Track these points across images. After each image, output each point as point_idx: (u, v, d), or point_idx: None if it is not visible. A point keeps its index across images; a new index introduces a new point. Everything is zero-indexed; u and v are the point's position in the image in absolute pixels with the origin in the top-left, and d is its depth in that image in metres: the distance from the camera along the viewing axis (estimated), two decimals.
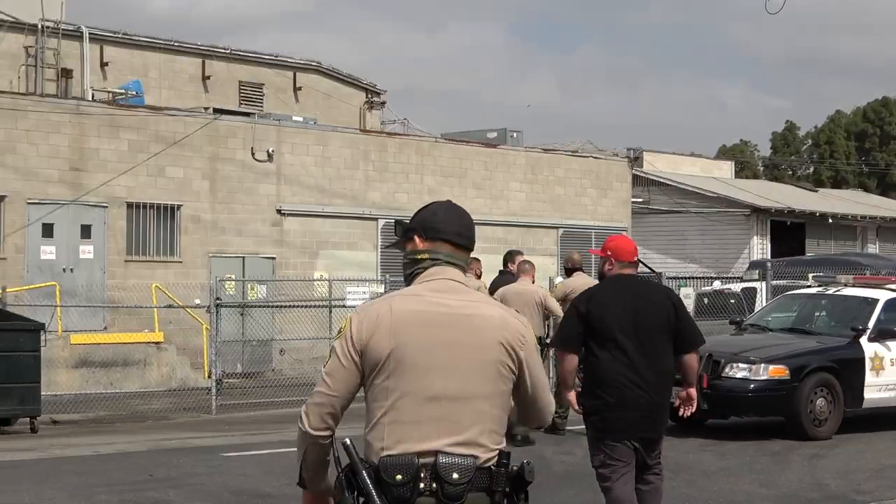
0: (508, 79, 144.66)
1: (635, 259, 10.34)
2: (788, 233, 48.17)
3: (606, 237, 33.09)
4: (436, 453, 4.58)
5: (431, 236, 4.94)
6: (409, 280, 5.01)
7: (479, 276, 18.42)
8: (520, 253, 19.23)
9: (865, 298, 18.09)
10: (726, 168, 59.63)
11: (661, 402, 9.65)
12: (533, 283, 17.58)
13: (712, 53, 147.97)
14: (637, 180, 41.39)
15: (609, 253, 10.15)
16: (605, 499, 9.69)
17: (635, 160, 39.77)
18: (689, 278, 35.55)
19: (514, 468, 4.66)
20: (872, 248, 49.73)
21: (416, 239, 4.96)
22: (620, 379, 9.52)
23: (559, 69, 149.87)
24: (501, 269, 18.74)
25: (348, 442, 4.50)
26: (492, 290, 17.28)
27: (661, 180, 48.23)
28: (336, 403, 4.68)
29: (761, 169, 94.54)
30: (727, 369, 16.51)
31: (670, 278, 33.48)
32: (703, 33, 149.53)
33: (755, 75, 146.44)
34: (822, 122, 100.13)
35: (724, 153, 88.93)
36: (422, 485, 4.54)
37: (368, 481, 4.50)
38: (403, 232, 5.14)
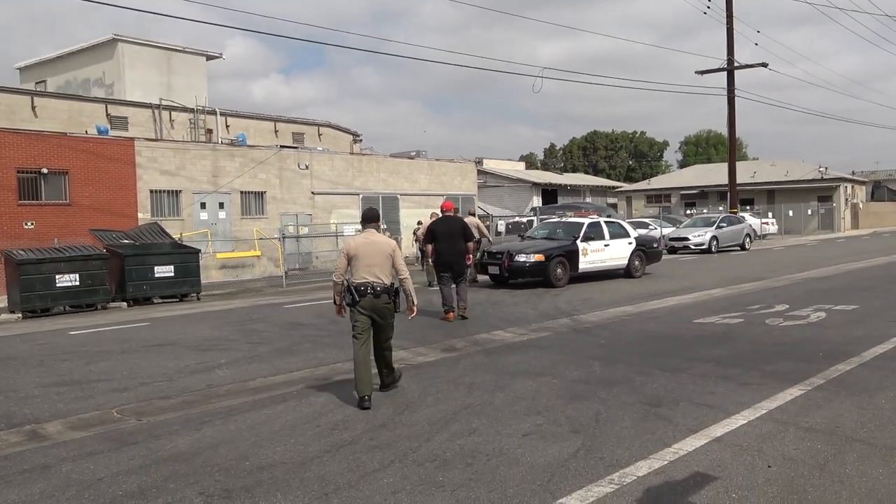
0: (423, 126, 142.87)
1: (451, 209, 13.01)
2: (549, 194, 48.20)
3: (456, 200, 31.98)
4: (370, 282, 6.87)
5: (365, 219, 7.29)
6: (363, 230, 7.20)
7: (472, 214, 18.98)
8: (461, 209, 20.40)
9: (578, 222, 18.09)
10: (521, 165, 59.28)
11: (458, 261, 12.24)
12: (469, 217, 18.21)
13: (515, 111, 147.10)
14: (480, 172, 41.23)
15: (444, 208, 12.86)
16: (441, 293, 12.30)
17: (478, 162, 39.48)
18: (503, 217, 35.51)
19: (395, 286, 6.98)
20: (589, 200, 50.01)
21: (361, 222, 7.37)
22: (443, 251, 12.28)
23: (448, 122, 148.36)
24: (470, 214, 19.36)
25: (346, 280, 6.96)
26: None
27: (491, 171, 47.91)
28: (343, 270, 7.02)
29: (539, 166, 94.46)
30: (516, 257, 16.46)
31: (495, 216, 33.53)
32: (508, 101, 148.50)
33: (535, 121, 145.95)
34: (566, 143, 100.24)
35: (522, 158, 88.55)
36: (368, 290, 6.85)
37: (352, 288, 6.87)
38: (363, 218, 7.37)
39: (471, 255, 12.61)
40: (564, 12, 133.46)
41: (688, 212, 42.48)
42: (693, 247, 27.94)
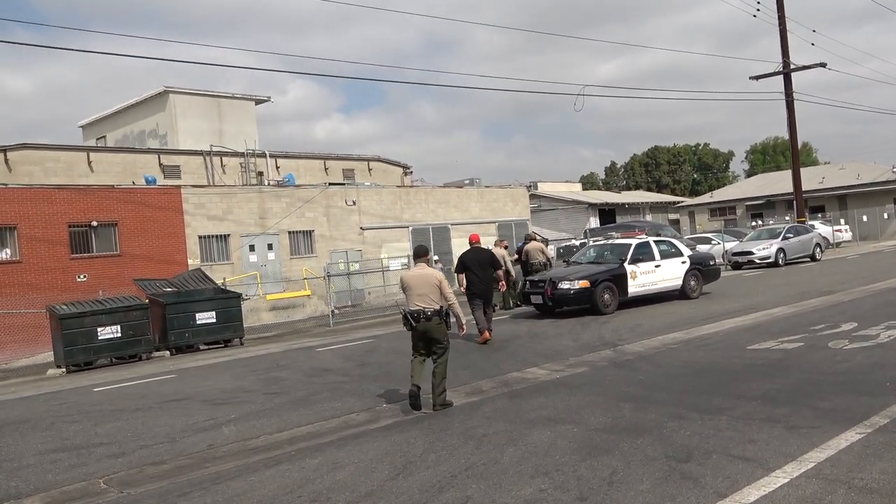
0: (480, 154, 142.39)
1: (478, 241, 13.79)
2: (607, 214, 46.73)
3: (508, 226, 31.48)
4: (422, 308, 7.88)
5: (416, 255, 8.30)
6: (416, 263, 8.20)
7: (506, 247, 18.34)
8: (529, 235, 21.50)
9: (625, 243, 16.94)
10: (577, 186, 57.85)
11: (488, 289, 13.20)
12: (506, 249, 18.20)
13: (576, 133, 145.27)
14: (534, 196, 40.38)
15: (472, 240, 13.51)
16: (474, 317, 13.06)
17: (531, 187, 38.53)
18: (558, 240, 34.40)
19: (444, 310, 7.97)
20: (649, 217, 48.31)
21: (413, 258, 8.35)
22: (473, 280, 13.05)
23: (506, 148, 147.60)
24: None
25: (403, 309, 8.05)
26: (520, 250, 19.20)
27: (545, 195, 46.94)
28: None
29: (600, 186, 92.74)
30: (559, 284, 15.46)
31: (549, 240, 32.50)
32: (566, 123, 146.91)
33: (595, 141, 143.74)
34: (627, 160, 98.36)
35: (582, 179, 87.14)
36: (420, 316, 7.88)
37: (408, 314, 7.95)
38: (414, 254, 8.36)
39: (503, 282, 13.93)
40: (619, 29, 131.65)
41: (753, 223, 40.45)
42: (758, 261, 26.30)
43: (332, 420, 8.03)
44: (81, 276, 20.59)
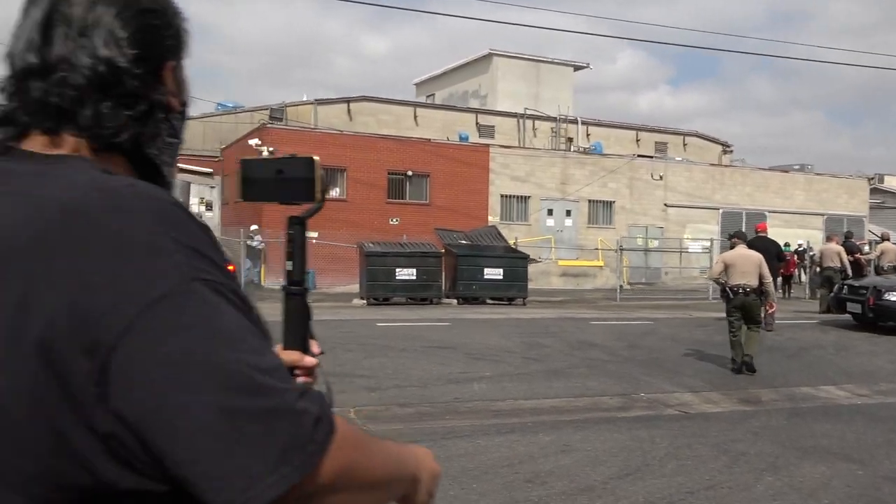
0: (819, 139, 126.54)
1: (763, 229, 12.55)
2: None
3: (839, 221, 27.60)
4: (743, 284, 8.60)
5: (736, 237, 8.88)
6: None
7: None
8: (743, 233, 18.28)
9: None
10: None
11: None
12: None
13: None
14: (876, 191, 34.80)
15: (759, 229, 12.15)
16: None
17: (870, 180, 33.12)
18: None
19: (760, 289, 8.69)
20: None
21: (732, 238, 9.02)
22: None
23: (850, 135, 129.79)
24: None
25: (724, 283, 8.71)
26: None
27: (892, 190, 40.10)
28: (716, 274, 8.93)
29: None
30: (885, 295, 12.85)
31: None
32: None
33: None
34: None
35: None
36: (740, 290, 8.56)
37: (728, 289, 8.66)
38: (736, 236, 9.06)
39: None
40: None
41: None
42: None
43: (581, 398, 7.59)
44: (394, 220, 22.39)
